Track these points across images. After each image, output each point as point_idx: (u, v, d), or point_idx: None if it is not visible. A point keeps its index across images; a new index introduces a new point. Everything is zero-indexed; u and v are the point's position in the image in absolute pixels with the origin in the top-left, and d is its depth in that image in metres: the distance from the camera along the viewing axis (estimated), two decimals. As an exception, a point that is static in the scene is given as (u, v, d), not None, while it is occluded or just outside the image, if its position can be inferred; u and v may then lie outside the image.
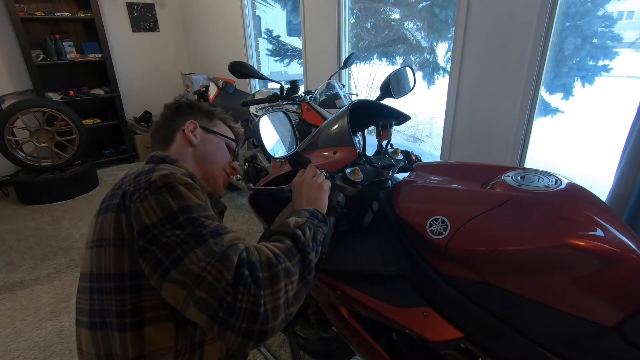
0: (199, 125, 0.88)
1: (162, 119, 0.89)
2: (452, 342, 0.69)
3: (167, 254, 0.55)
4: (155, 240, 0.56)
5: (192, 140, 0.84)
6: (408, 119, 1.00)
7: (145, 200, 0.58)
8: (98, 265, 0.64)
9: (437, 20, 3.97)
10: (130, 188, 0.62)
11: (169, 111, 0.89)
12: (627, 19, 3.36)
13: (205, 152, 0.86)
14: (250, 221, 2.72)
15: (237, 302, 0.52)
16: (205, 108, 0.92)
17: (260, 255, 0.57)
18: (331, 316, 0.93)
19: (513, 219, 0.67)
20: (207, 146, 0.87)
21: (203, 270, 0.53)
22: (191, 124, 0.86)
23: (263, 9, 5.26)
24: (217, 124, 0.93)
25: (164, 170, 0.63)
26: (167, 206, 0.58)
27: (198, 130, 0.87)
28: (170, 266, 0.54)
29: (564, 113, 3.30)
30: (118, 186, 0.67)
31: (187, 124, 0.86)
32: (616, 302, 0.60)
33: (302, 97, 2.04)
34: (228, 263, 0.54)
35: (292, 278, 0.59)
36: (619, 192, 1.32)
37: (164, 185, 0.60)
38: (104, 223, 0.63)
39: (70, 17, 3.57)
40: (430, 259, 0.74)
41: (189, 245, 0.55)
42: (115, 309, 0.61)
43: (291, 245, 0.62)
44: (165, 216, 0.57)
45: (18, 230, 2.74)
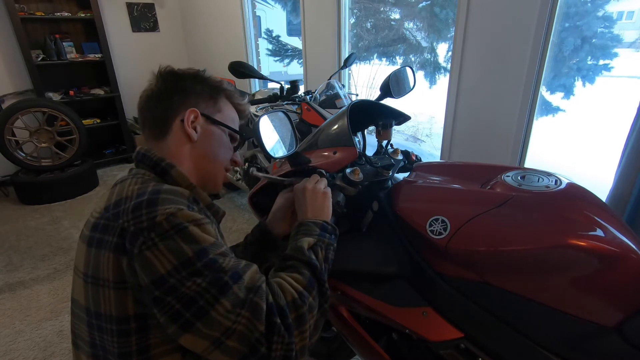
0: (200, 114, 0.72)
1: (156, 93, 0.71)
2: (452, 342, 0.69)
3: (188, 306, 0.51)
4: (173, 291, 0.51)
5: (192, 135, 0.70)
6: (408, 119, 1.00)
7: (154, 247, 0.52)
8: (96, 304, 0.59)
9: (437, 20, 3.97)
10: (129, 227, 0.54)
11: (165, 84, 0.71)
12: (627, 19, 3.36)
13: (206, 149, 0.73)
14: (250, 221, 2.72)
15: (271, 351, 0.52)
16: (211, 83, 0.75)
17: (285, 296, 0.57)
18: (331, 316, 0.93)
19: (513, 219, 0.67)
20: (209, 142, 0.73)
21: (234, 322, 0.51)
22: (192, 113, 0.70)
23: (263, 9, 5.26)
24: (222, 107, 0.76)
25: (169, 205, 0.55)
26: (181, 252, 0.52)
27: (199, 120, 0.71)
28: (194, 319, 0.51)
29: (564, 113, 3.30)
30: (112, 216, 0.57)
31: (188, 114, 0.70)
32: (616, 302, 0.60)
33: (302, 97, 2.04)
34: (258, 312, 0.52)
35: (314, 312, 0.59)
36: (619, 192, 1.32)
37: (172, 227, 0.53)
38: (100, 261, 0.57)
39: (70, 17, 3.57)
40: (430, 259, 0.74)
41: (212, 295, 0.51)
42: (119, 351, 0.58)
43: (310, 277, 0.61)
44: (180, 264, 0.52)
45: (18, 230, 2.74)
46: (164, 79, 0.72)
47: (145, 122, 0.72)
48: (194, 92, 0.72)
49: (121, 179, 0.66)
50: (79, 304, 0.63)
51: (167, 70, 0.72)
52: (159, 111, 0.70)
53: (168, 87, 0.71)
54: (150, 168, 0.67)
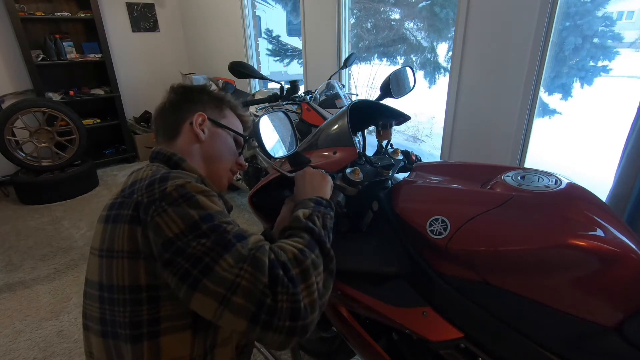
0: (207, 118, 0.80)
1: (168, 104, 0.81)
2: (452, 342, 0.69)
3: (194, 264, 0.54)
4: (180, 252, 0.54)
5: (200, 135, 0.78)
6: (408, 119, 1.00)
7: (164, 212, 0.57)
8: (109, 276, 0.62)
9: (437, 20, 3.97)
10: (143, 199, 0.59)
11: (176, 96, 0.82)
12: (627, 19, 3.36)
13: (213, 149, 0.80)
14: (250, 221, 2.72)
15: (277, 302, 0.53)
16: (216, 95, 0.85)
17: (287, 253, 0.58)
18: (331, 316, 0.93)
19: (513, 219, 0.67)
20: (215, 143, 0.81)
21: (237, 276, 0.53)
22: (200, 116, 0.79)
23: (263, 9, 5.27)
24: (227, 114, 0.86)
25: (178, 179, 0.61)
26: (188, 216, 0.56)
27: (207, 123, 0.80)
28: (200, 275, 0.53)
29: (564, 113, 3.30)
30: (128, 194, 0.63)
31: (196, 117, 0.79)
32: (616, 302, 0.60)
33: (302, 97, 2.04)
34: (260, 265, 0.54)
35: (319, 269, 0.60)
36: (619, 192, 1.32)
37: (181, 196, 0.58)
38: (115, 234, 0.61)
39: (70, 17, 3.57)
40: (430, 259, 0.74)
41: (217, 252, 0.54)
42: (130, 320, 0.60)
43: (309, 238, 0.63)
44: (187, 227, 0.56)
45: (18, 230, 2.74)
46: (175, 92, 0.82)
47: (159, 130, 0.80)
48: (201, 100, 0.82)
49: (137, 169, 0.71)
50: (91, 283, 0.67)
51: (178, 85, 0.83)
52: (172, 119, 0.80)
53: (179, 98, 0.81)
54: (164, 162, 0.73)
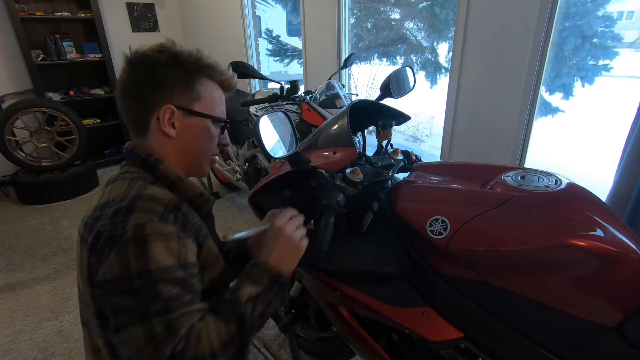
0: (177, 108, 0.67)
1: (128, 84, 0.67)
2: (452, 342, 0.69)
3: (114, 315, 0.55)
4: (106, 296, 0.55)
5: (170, 134, 0.68)
6: (408, 119, 1.00)
7: (112, 252, 0.55)
8: (84, 297, 0.64)
9: (437, 20, 3.97)
10: (104, 232, 0.56)
11: (135, 74, 0.67)
12: (627, 19, 3.36)
13: (189, 142, 0.71)
14: (250, 221, 2.72)
15: None
16: (187, 65, 0.68)
17: (197, 348, 0.56)
18: (331, 316, 0.93)
19: (513, 219, 0.67)
20: (190, 135, 0.70)
21: (133, 353, 0.53)
22: (167, 110, 0.66)
23: (263, 9, 5.27)
24: (201, 91, 0.70)
25: (142, 215, 0.57)
26: (126, 267, 0.54)
27: (177, 115, 0.68)
28: (114, 329, 0.55)
29: (564, 113, 3.30)
30: (96, 217, 0.60)
31: (163, 113, 0.66)
32: (616, 302, 0.60)
33: (302, 97, 2.04)
34: (158, 355, 0.53)
35: None
36: (619, 192, 1.32)
37: (134, 238, 0.55)
38: (81, 255, 0.61)
39: (70, 17, 3.57)
40: (430, 259, 0.74)
41: (132, 317, 0.54)
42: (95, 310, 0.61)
43: (235, 333, 0.60)
44: (120, 276, 0.54)
45: (18, 230, 2.74)
46: (134, 68, 0.67)
47: (125, 116, 0.70)
48: (167, 83, 0.67)
49: (113, 178, 0.68)
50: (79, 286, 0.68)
51: (136, 58, 0.67)
52: (135, 109, 0.68)
53: (139, 79, 0.67)
54: (139, 164, 0.67)
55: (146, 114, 0.68)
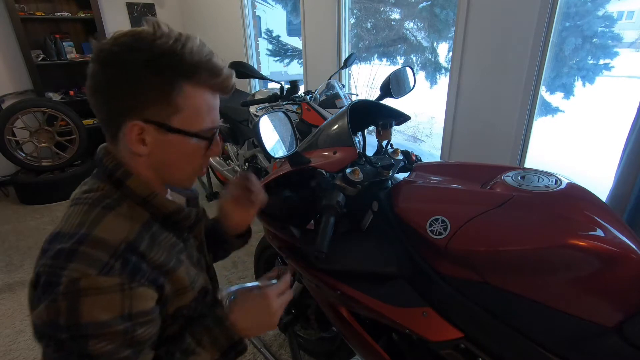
0: (148, 123, 0.55)
1: (95, 84, 0.55)
2: (452, 342, 0.69)
3: (42, 353, 0.52)
4: (36, 332, 0.51)
5: (139, 152, 0.57)
6: (408, 119, 1.00)
7: (44, 299, 0.50)
8: None
9: (437, 20, 3.97)
10: (43, 274, 0.51)
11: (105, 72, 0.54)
12: (627, 19, 3.36)
13: (162, 160, 0.60)
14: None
15: None
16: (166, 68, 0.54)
17: None
18: (331, 316, 0.93)
19: (513, 219, 0.67)
20: (166, 153, 0.59)
21: None
22: (134, 128, 0.55)
23: (263, 9, 5.27)
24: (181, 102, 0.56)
25: (77, 270, 0.50)
26: (56, 318, 0.49)
27: (149, 130, 0.56)
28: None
29: (564, 113, 3.30)
30: (44, 250, 0.55)
31: (129, 130, 0.55)
32: (616, 302, 0.60)
33: (302, 97, 2.04)
34: None
35: None
36: (619, 192, 1.32)
37: (67, 293, 0.49)
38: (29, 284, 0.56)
39: (70, 17, 3.56)
40: (430, 259, 0.74)
41: None
42: None
43: None
44: (50, 324, 0.49)
45: (18, 230, 2.74)
46: (104, 65, 0.54)
47: (96, 114, 0.58)
48: (138, 91, 0.54)
49: (76, 198, 0.59)
50: None
51: (106, 54, 0.54)
52: (103, 112, 0.57)
53: (105, 82, 0.55)
54: (106, 178, 0.59)
55: (113, 122, 0.56)
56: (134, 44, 0.53)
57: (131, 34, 0.54)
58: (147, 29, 0.55)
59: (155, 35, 0.54)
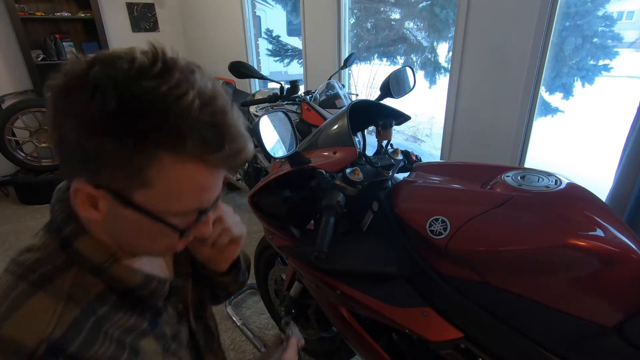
0: (98, 189, 0.40)
1: (50, 116, 0.41)
2: (452, 342, 0.69)
3: None
4: None
5: (89, 217, 0.42)
6: (408, 119, 1.00)
7: None
8: None
9: (437, 20, 3.97)
10: None
11: (56, 108, 0.41)
12: (627, 19, 3.36)
13: (121, 233, 0.44)
14: (250, 221, 2.72)
15: None
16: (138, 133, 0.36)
17: None
18: (331, 316, 0.94)
19: (513, 219, 0.67)
20: (124, 229, 0.43)
21: None
22: (78, 192, 0.40)
23: (263, 9, 5.27)
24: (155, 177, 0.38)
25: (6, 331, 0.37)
26: None
27: (101, 197, 0.40)
28: None
29: (564, 113, 3.30)
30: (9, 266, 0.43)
31: (74, 191, 0.41)
32: (616, 302, 0.60)
33: (302, 97, 2.04)
34: None
35: None
36: (619, 192, 1.32)
37: None
38: None
39: (70, 17, 3.57)
40: (430, 259, 0.74)
41: None
42: None
43: None
44: None
45: (18, 230, 2.74)
46: (55, 99, 0.40)
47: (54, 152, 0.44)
48: (92, 150, 0.36)
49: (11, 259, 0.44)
50: None
51: (55, 93, 0.40)
52: (59, 153, 0.40)
53: (53, 121, 0.40)
54: (54, 231, 0.45)
55: (64, 168, 0.41)
56: (94, 84, 0.36)
57: (107, 61, 0.37)
58: (136, 55, 0.37)
59: (141, 69, 0.36)
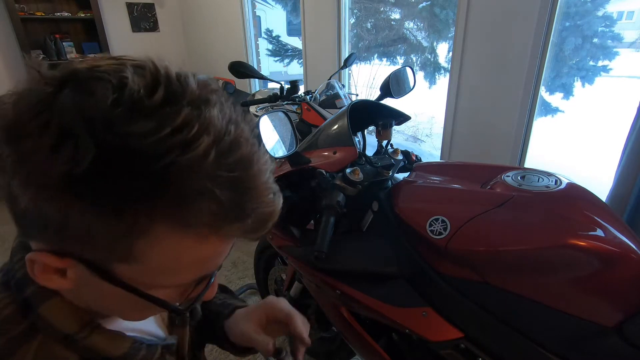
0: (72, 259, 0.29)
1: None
2: (452, 342, 0.69)
3: None
4: None
5: (53, 287, 0.33)
6: (408, 119, 1.00)
7: None
8: None
9: (437, 20, 3.97)
10: None
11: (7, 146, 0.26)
12: (627, 19, 3.36)
13: (95, 302, 0.35)
14: (250, 221, 2.72)
15: None
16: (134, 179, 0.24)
17: None
18: (331, 316, 0.93)
19: (513, 219, 0.67)
20: (100, 299, 0.34)
21: None
22: (33, 264, 0.31)
23: (263, 9, 5.27)
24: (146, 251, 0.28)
25: None
26: None
27: (70, 269, 0.30)
28: None
29: (564, 113, 3.30)
30: None
31: (27, 261, 0.31)
32: (616, 302, 0.60)
33: (302, 97, 2.04)
34: None
35: None
36: (619, 192, 1.32)
37: None
38: None
39: (70, 17, 3.57)
40: (430, 259, 0.74)
41: None
42: None
43: None
44: None
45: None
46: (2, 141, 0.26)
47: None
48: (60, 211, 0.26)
49: None
50: None
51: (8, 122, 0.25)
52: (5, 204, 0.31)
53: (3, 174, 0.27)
54: (15, 289, 0.35)
55: (21, 230, 0.34)
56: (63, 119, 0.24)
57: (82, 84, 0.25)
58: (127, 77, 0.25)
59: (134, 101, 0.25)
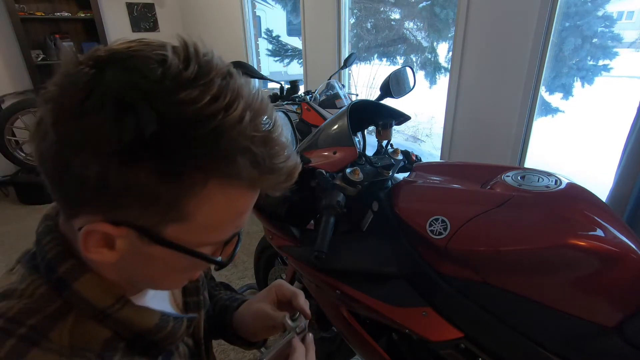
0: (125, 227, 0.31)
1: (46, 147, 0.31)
2: (452, 342, 0.69)
3: None
4: None
5: (100, 260, 0.33)
6: (408, 119, 1.00)
7: None
8: None
9: (437, 20, 3.97)
10: None
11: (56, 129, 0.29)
12: (627, 19, 3.36)
13: (138, 271, 0.37)
14: (250, 221, 2.72)
15: None
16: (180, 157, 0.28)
17: None
18: (331, 316, 0.94)
19: (513, 219, 0.67)
20: (146, 267, 0.36)
21: None
22: (91, 236, 0.32)
23: (263, 9, 5.26)
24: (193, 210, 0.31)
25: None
26: None
27: (121, 235, 0.32)
28: None
29: (564, 113, 3.30)
30: None
31: (84, 236, 0.32)
32: (616, 302, 0.60)
33: (302, 97, 2.04)
34: None
35: None
36: (619, 192, 1.32)
37: None
38: None
39: (70, 17, 3.57)
40: (430, 259, 0.74)
41: None
42: None
43: None
44: None
45: (18, 230, 2.74)
46: (59, 121, 0.29)
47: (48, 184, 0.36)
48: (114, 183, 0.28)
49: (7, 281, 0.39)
50: None
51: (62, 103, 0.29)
52: (54, 185, 0.35)
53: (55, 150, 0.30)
54: (45, 272, 0.37)
55: (68, 205, 0.35)
56: (120, 95, 0.27)
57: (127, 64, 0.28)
58: (167, 54, 0.28)
59: (177, 74, 0.27)
